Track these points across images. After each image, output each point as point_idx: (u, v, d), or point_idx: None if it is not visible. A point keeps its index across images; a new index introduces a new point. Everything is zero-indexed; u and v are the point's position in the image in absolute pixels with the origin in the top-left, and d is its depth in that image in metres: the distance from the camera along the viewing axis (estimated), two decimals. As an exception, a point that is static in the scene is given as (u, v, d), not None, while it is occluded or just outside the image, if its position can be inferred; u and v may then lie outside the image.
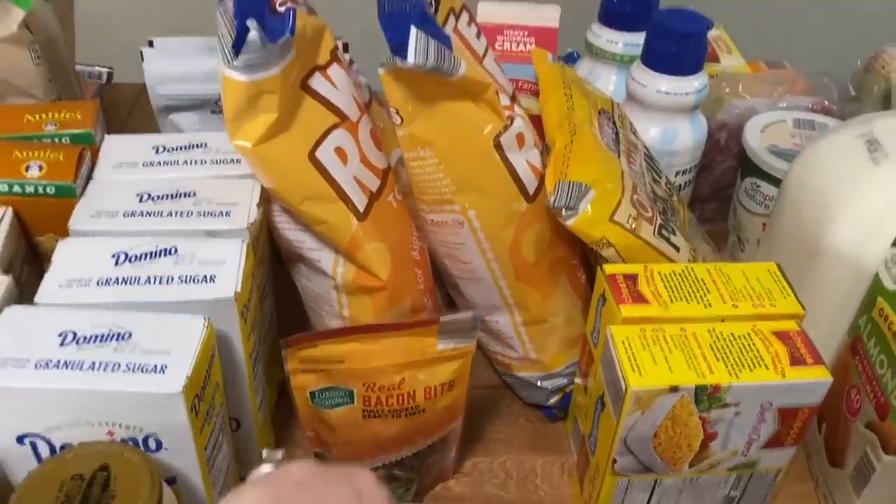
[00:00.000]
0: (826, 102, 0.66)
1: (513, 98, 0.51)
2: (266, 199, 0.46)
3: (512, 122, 0.44)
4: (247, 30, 0.38)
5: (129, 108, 0.78)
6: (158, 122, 0.57)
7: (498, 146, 0.44)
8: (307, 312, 0.51)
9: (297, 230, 0.46)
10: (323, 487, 0.28)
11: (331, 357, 0.40)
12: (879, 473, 0.42)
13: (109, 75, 0.80)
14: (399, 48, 0.38)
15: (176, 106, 0.55)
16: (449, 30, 0.48)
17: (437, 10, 0.46)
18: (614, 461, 0.41)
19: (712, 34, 0.74)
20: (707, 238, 0.57)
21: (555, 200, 0.44)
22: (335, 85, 0.43)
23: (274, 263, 0.51)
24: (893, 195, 0.45)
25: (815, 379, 0.39)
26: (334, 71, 0.44)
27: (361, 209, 0.44)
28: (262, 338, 0.47)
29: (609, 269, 0.44)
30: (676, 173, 0.59)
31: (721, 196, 0.69)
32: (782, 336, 0.41)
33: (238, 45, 0.38)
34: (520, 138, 0.44)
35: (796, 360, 0.40)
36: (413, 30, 0.39)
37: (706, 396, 0.38)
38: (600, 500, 0.43)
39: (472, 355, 0.42)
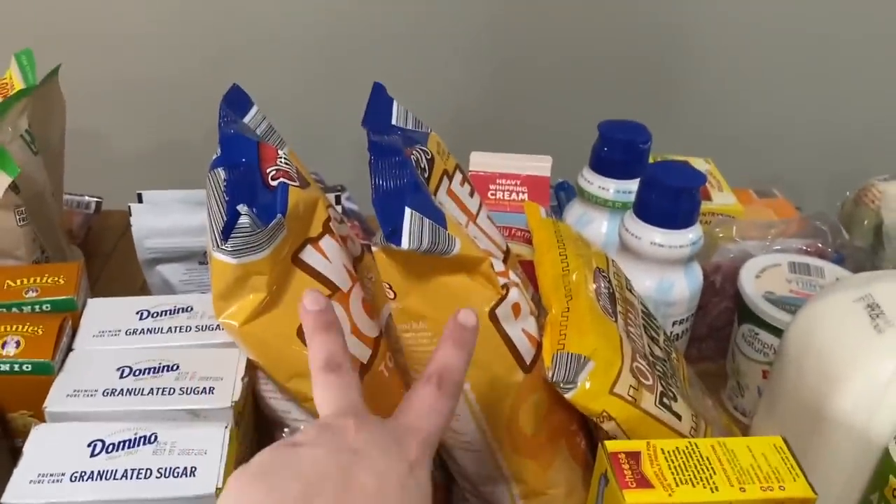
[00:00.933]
0: (820, 244, 0.66)
1: (506, 257, 0.51)
2: (252, 366, 0.44)
3: (507, 293, 0.43)
4: (238, 215, 0.37)
5: (117, 237, 0.77)
6: (144, 272, 0.56)
7: (493, 318, 0.42)
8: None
9: (284, 400, 0.44)
10: (378, 457, 0.28)
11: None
12: None
13: (98, 205, 0.79)
14: (393, 234, 0.37)
15: (162, 258, 0.54)
16: (443, 192, 0.48)
17: (430, 175, 0.46)
18: None
19: (703, 170, 0.75)
20: (705, 390, 0.56)
21: (553, 374, 0.43)
22: (327, 257, 0.43)
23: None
24: (898, 366, 0.44)
25: None
26: (326, 242, 0.43)
27: (352, 385, 0.42)
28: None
29: (611, 446, 0.42)
30: (673, 323, 0.58)
31: (717, 336, 0.68)
32: None
33: (228, 230, 0.37)
34: (515, 308, 0.43)
35: None
36: (407, 212, 0.38)
37: None
38: None
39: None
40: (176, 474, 0.37)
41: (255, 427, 0.48)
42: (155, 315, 0.46)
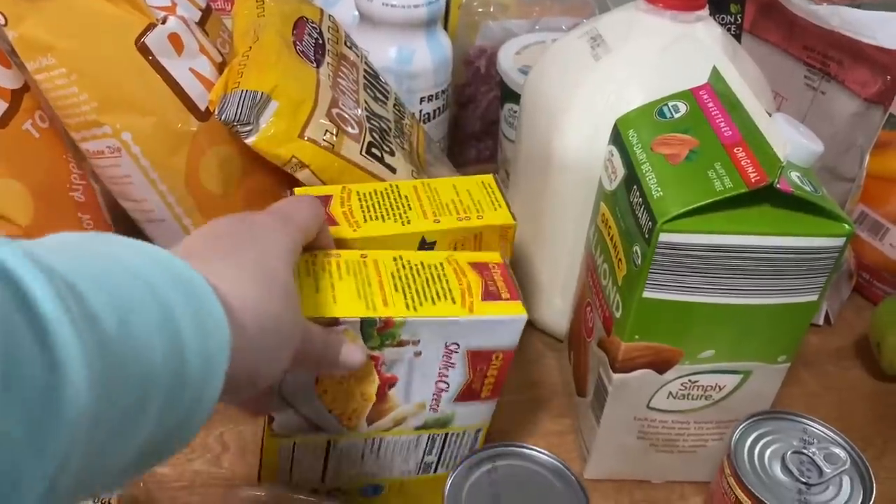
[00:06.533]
0: (585, 21, 0.62)
1: (206, 15, 0.44)
2: None
3: (165, 22, 0.37)
4: None
5: None
6: None
7: (144, 49, 0.36)
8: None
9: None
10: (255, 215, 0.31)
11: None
12: (612, 394, 0.37)
13: None
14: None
15: None
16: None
17: None
18: (271, 419, 0.33)
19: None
20: (451, 166, 0.52)
21: (223, 113, 0.37)
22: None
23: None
24: (614, 89, 0.41)
25: (506, 315, 0.32)
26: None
27: (-25, 137, 0.35)
28: None
29: (300, 192, 0.38)
30: (421, 100, 0.53)
31: (495, 131, 0.64)
32: (479, 267, 0.34)
33: None
34: (175, 41, 0.37)
35: (490, 295, 0.33)
36: None
37: (376, 331, 0.31)
38: (264, 466, 0.36)
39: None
40: None
41: None
42: None
